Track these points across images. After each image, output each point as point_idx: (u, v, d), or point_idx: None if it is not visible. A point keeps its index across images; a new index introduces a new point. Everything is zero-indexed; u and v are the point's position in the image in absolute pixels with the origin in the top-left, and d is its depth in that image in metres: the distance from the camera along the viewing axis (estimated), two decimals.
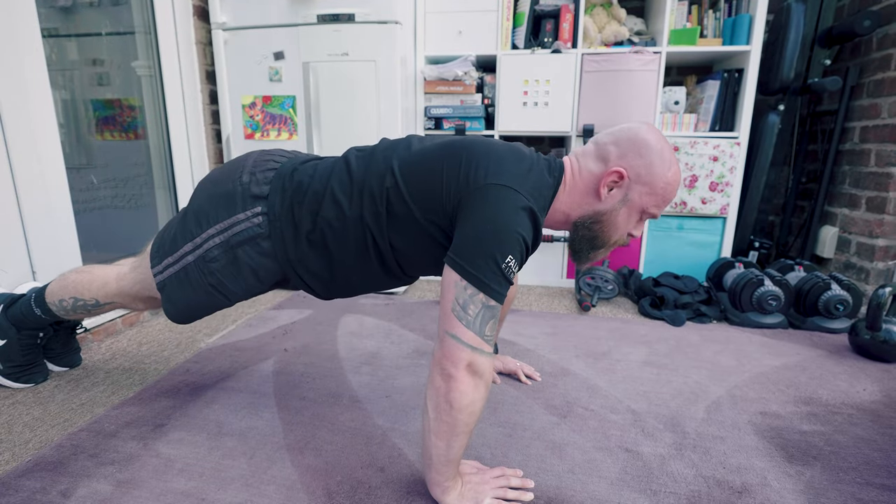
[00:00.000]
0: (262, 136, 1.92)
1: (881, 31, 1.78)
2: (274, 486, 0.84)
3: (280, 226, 0.89)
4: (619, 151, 0.83)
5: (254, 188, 0.90)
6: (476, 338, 0.72)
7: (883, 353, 1.37)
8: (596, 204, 0.85)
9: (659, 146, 0.82)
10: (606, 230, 0.87)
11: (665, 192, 0.83)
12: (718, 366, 1.35)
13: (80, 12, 1.59)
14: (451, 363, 0.71)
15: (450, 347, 0.72)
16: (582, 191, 0.86)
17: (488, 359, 0.74)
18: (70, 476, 0.86)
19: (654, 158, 0.81)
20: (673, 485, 0.86)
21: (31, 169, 1.32)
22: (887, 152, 1.74)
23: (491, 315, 0.73)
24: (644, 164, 0.82)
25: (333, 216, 0.86)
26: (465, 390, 0.71)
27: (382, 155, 0.87)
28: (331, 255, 0.90)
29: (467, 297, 0.72)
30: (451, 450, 0.74)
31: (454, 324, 0.72)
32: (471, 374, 0.72)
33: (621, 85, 1.92)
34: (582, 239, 0.89)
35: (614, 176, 0.83)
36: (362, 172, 0.86)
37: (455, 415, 0.72)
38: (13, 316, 1.13)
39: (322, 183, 0.88)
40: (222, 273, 0.91)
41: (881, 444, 0.99)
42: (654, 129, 0.84)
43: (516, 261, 0.74)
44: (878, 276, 1.80)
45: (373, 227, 0.85)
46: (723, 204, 1.98)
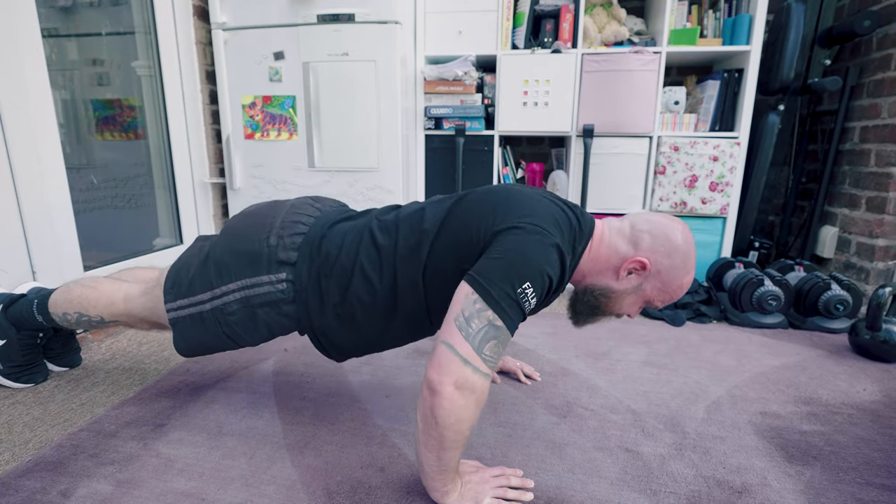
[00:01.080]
0: (262, 136, 1.92)
1: (881, 31, 1.78)
2: (274, 485, 0.84)
3: (306, 296, 0.89)
4: (651, 244, 0.84)
5: (280, 253, 0.89)
6: (472, 352, 0.68)
7: (883, 353, 1.37)
8: (612, 281, 0.87)
9: (687, 253, 0.84)
10: (611, 306, 0.89)
11: (674, 293, 0.87)
12: (718, 366, 1.35)
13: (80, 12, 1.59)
14: (438, 374, 0.68)
15: (441, 356, 0.69)
16: (604, 263, 0.87)
17: (482, 378, 0.69)
18: (70, 476, 0.86)
19: (679, 263, 0.84)
20: (673, 485, 0.86)
21: (32, 169, 1.32)
22: (887, 152, 1.74)
23: (494, 335, 0.70)
24: (668, 265, 0.84)
25: (364, 291, 0.86)
26: (449, 407, 0.67)
27: (409, 224, 0.86)
28: (358, 328, 0.90)
29: (474, 311, 0.70)
30: (441, 462, 0.73)
31: (453, 333, 0.69)
32: (458, 391, 0.67)
33: (621, 85, 1.92)
34: (586, 304, 0.90)
35: (638, 264, 0.84)
36: (392, 245, 0.86)
37: (441, 430, 0.69)
38: (13, 316, 1.13)
39: (350, 257, 0.87)
40: (238, 325, 0.91)
41: (881, 444, 0.99)
42: (688, 234, 0.86)
43: (535, 292, 0.72)
44: (878, 276, 1.80)
45: (408, 296, 0.84)
46: (723, 204, 1.98)
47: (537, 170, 2.14)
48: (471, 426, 0.71)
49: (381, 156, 1.87)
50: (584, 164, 1.99)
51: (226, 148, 1.96)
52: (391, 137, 1.85)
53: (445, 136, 2.08)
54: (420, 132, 2.10)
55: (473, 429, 0.73)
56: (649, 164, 2.01)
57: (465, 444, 0.73)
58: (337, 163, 1.89)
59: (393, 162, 1.87)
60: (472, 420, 0.70)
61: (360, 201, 1.92)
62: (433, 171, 2.14)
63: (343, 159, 1.89)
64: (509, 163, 2.14)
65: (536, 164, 2.14)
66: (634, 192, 2.04)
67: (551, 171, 2.22)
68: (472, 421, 0.71)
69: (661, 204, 2.01)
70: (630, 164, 2.01)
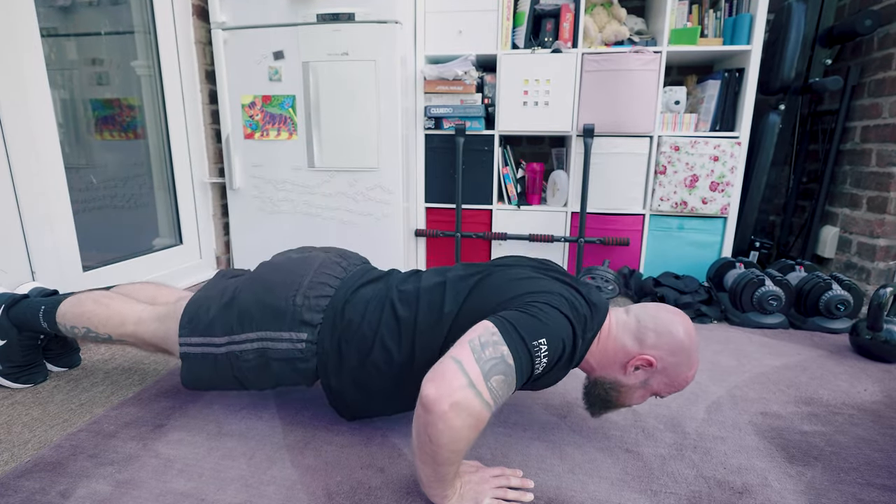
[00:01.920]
0: (261, 135, 1.92)
1: (882, 30, 1.77)
2: (274, 486, 0.84)
3: (326, 358, 0.91)
4: (656, 341, 0.86)
5: (305, 314, 0.90)
6: (479, 376, 0.66)
7: (884, 353, 1.37)
8: (619, 375, 0.89)
9: (690, 348, 0.86)
10: (622, 399, 0.91)
11: (680, 386, 0.89)
12: (719, 366, 1.35)
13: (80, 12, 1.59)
14: (436, 390, 0.64)
15: (445, 371, 0.66)
16: (611, 357, 0.88)
17: (483, 406, 0.66)
18: (69, 476, 0.86)
19: (683, 359, 0.86)
20: (673, 485, 0.86)
21: (30, 168, 1.32)
22: (888, 152, 1.73)
23: (503, 370, 0.68)
24: (673, 362, 0.85)
25: (382, 360, 0.88)
26: (443, 428, 0.64)
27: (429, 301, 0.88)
28: (372, 395, 0.92)
29: (490, 341, 0.69)
30: (438, 474, 0.72)
31: (464, 352, 0.68)
32: (454, 411, 0.64)
33: (622, 85, 1.92)
34: (598, 397, 0.92)
35: (644, 362, 0.86)
36: (412, 319, 0.87)
37: (434, 448, 0.67)
38: (16, 317, 1.12)
39: (372, 327, 0.89)
40: (250, 372, 0.93)
41: (882, 444, 0.99)
42: (691, 329, 0.87)
43: (548, 352, 0.73)
44: (879, 276, 1.79)
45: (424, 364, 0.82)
46: (723, 204, 1.97)
47: (537, 170, 2.14)
48: (468, 445, 0.68)
49: (381, 156, 1.86)
50: (585, 163, 1.99)
51: (225, 148, 1.96)
52: (391, 137, 1.84)
53: (445, 136, 2.08)
54: (420, 132, 2.10)
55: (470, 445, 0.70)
56: (650, 163, 2.00)
57: (461, 459, 0.72)
58: (337, 162, 1.89)
59: (393, 162, 1.87)
60: (468, 440, 0.67)
61: (360, 201, 1.92)
62: (433, 171, 2.14)
63: (343, 159, 1.89)
64: (509, 162, 2.14)
65: (537, 163, 2.14)
66: (635, 192, 2.03)
67: (551, 170, 2.21)
68: (469, 441, 0.68)
69: (661, 203, 2.01)
70: (630, 164, 2.01)
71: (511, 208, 2.14)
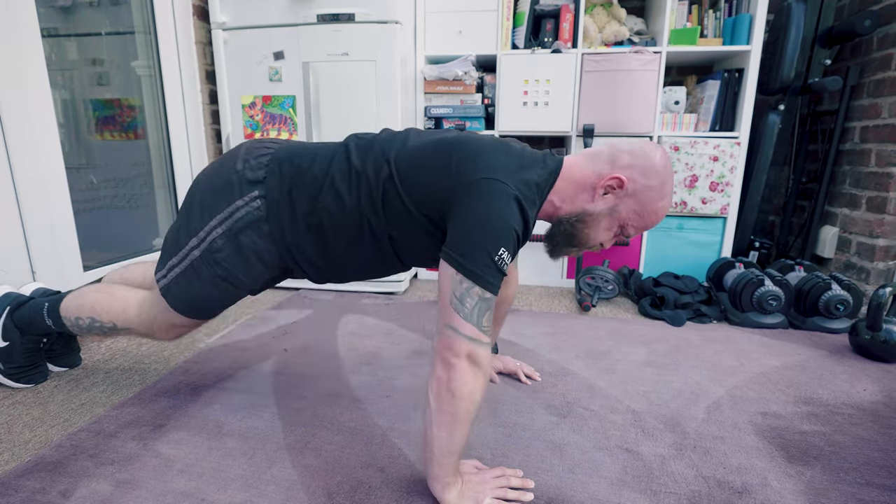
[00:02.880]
0: (262, 135, 1.92)
1: (881, 30, 1.77)
2: (274, 486, 0.84)
3: (278, 208, 0.90)
4: (630, 161, 0.85)
5: (248, 174, 0.91)
6: (474, 329, 0.74)
7: (883, 353, 1.37)
8: (587, 203, 0.88)
9: (664, 175, 0.85)
10: (587, 232, 0.90)
11: (650, 217, 0.87)
12: (719, 366, 1.35)
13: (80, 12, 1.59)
14: (451, 353, 0.73)
15: (450, 339, 0.74)
16: (578, 187, 0.88)
17: (486, 349, 0.76)
18: (70, 476, 0.86)
19: (656, 183, 0.85)
20: (673, 485, 0.86)
21: (31, 168, 1.32)
22: (887, 152, 1.73)
23: (487, 307, 0.75)
24: (645, 185, 0.85)
25: (332, 203, 0.88)
26: (465, 379, 0.73)
27: (381, 147, 0.89)
28: (326, 241, 0.91)
29: (464, 291, 0.74)
30: (452, 440, 0.75)
31: (453, 316, 0.74)
32: (471, 364, 0.74)
33: (621, 85, 1.92)
34: (562, 234, 0.92)
35: (615, 181, 0.85)
36: (361, 161, 0.88)
37: (457, 403, 0.73)
38: (20, 320, 1.12)
39: (323, 169, 0.89)
40: (229, 262, 0.92)
41: (882, 444, 0.99)
42: (667, 158, 0.87)
43: (509, 252, 0.76)
44: (878, 276, 1.79)
45: (371, 217, 0.87)
46: (723, 204, 1.98)
47: None
48: (482, 399, 0.76)
49: None
50: None
51: (226, 148, 1.96)
52: None
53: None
54: None
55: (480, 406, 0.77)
56: None
57: (473, 420, 0.76)
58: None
59: None
60: (482, 391, 0.76)
61: None
62: None
63: None
64: None
65: None
66: None
67: None
68: (483, 393, 0.76)
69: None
70: None
71: None
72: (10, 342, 1.12)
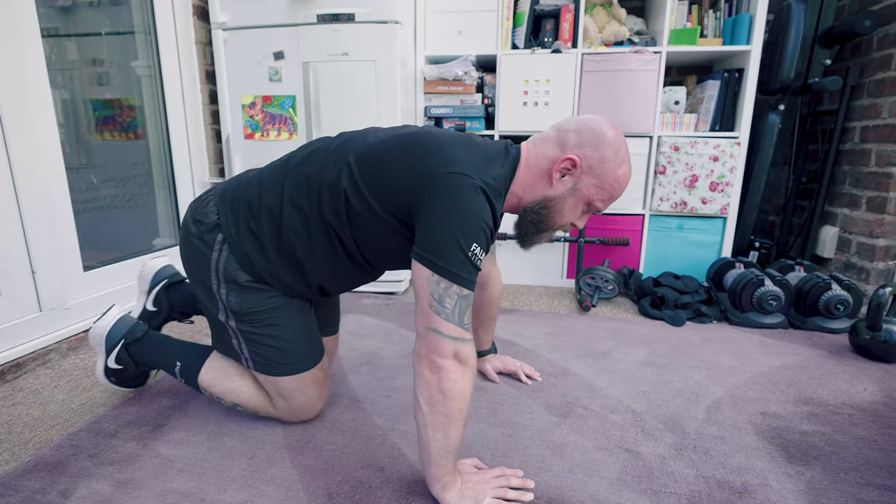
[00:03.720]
0: (261, 135, 1.92)
1: (881, 30, 1.77)
2: (274, 486, 0.84)
3: (241, 245, 0.90)
4: (578, 140, 0.85)
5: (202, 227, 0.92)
6: (457, 329, 0.74)
7: (883, 353, 1.37)
8: (547, 189, 0.88)
9: (616, 143, 0.85)
10: (553, 216, 0.89)
11: (612, 187, 0.87)
12: (718, 366, 1.35)
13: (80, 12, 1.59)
14: (438, 356, 0.73)
15: (434, 342, 0.74)
16: (536, 175, 0.88)
17: (471, 346, 0.76)
18: (70, 476, 0.86)
19: (609, 154, 0.84)
20: (673, 485, 0.86)
21: (31, 168, 1.32)
22: (887, 152, 1.73)
23: (466, 304, 0.75)
24: (598, 158, 0.84)
25: (297, 222, 0.87)
26: (455, 378, 0.73)
27: (336, 152, 0.87)
28: (301, 263, 0.91)
29: (441, 291, 0.73)
30: (448, 440, 0.75)
31: (434, 318, 0.74)
32: (458, 363, 0.74)
33: (621, 85, 1.92)
34: (529, 223, 0.91)
35: (568, 163, 0.85)
36: (318, 170, 0.87)
37: (449, 403, 0.73)
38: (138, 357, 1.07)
39: (276, 194, 0.89)
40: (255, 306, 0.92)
41: (882, 444, 0.99)
42: (614, 126, 0.87)
43: (482, 247, 0.76)
44: (878, 276, 1.79)
45: (335, 225, 0.86)
46: (723, 204, 1.98)
47: None
48: (471, 396, 0.77)
49: None
50: None
51: (226, 148, 1.96)
52: None
53: None
54: None
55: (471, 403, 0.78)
56: (650, 163, 2.00)
57: (465, 418, 0.77)
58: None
59: None
60: (471, 388, 0.77)
61: None
62: None
63: None
64: None
65: None
66: (635, 191, 2.03)
67: None
68: (471, 390, 0.77)
69: (661, 203, 2.01)
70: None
71: None
72: (125, 367, 1.08)
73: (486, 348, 1.27)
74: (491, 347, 1.28)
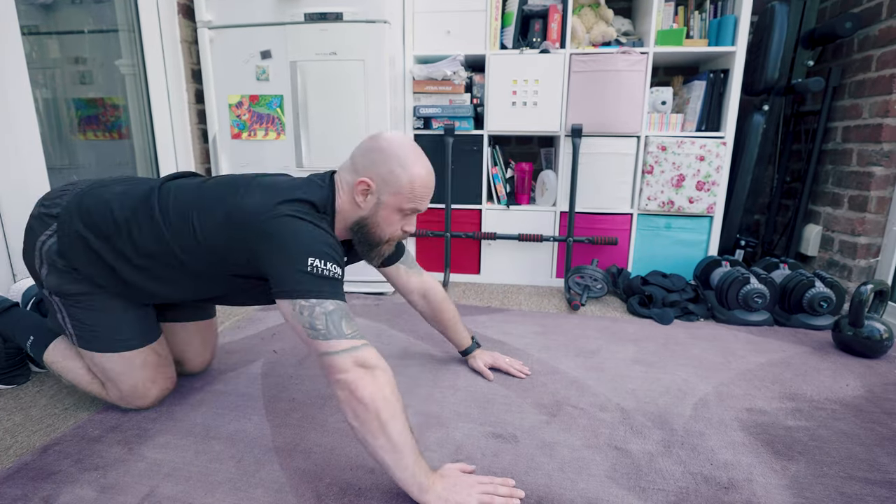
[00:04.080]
0: (249, 135, 1.91)
1: (862, 32, 1.81)
2: (262, 489, 0.83)
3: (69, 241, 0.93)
4: (363, 162, 0.90)
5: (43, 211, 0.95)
6: (342, 341, 0.76)
7: (865, 349, 1.40)
8: (358, 211, 0.93)
9: (395, 151, 0.89)
10: (375, 231, 0.94)
11: (412, 189, 0.90)
12: (705, 363, 1.36)
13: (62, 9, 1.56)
14: (340, 373, 0.74)
15: (330, 363, 0.75)
16: (347, 200, 0.93)
17: (368, 349, 0.77)
18: (53, 482, 0.84)
19: (393, 164, 0.89)
20: (661, 482, 0.87)
21: (11, 169, 1.29)
22: (868, 152, 1.77)
23: (339, 315, 0.77)
24: (385, 171, 0.89)
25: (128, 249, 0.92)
26: (365, 384, 0.74)
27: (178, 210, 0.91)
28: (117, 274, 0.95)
29: (307, 318, 0.76)
30: (392, 439, 0.74)
31: (318, 344, 0.76)
32: (362, 368, 0.75)
33: (609, 85, 1.94)
34: (360, 242, 0.96)
35: (362, 186, 0.90)
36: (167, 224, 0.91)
37: (371, 408, 0.73)
38: (3, 328, 1.11)
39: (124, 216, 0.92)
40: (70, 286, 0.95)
41: (863, 438, 1.01)
42: (393, 135, 0.91)
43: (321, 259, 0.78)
44: (860, 274, 1.83)
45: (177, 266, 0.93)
46: (709, 203, 2.00)
47: (526, 169, 2.15)
48: (392, 391, 0.76)
49: None
50: (573, 163, 2.00)
51: (212, 148, 1.94)
52: None
53: (434, 136, 2.08)
54: (409, 132, 2.10)
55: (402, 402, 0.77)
56: (637, 163, 2.02)
57: (401, 412, 0.76)
58: (325, 162, 1.88)
59: None
60: (390, 385, 0.76)
61: None
62: None
63: (331, 159, 1.87)
64: (498, 162, 2.14)
65: (525, 163, 2.15)
66: (623, 191, 2.05)
67: (540, 170, 2.22)
68: (391, 386, 0.76)
69: (649, 203, 2.03)
70: (618, 164, 2.03)
71: (500, 208, 2.14)
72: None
73: (467, 345, 1.28)
74: (472, 343, 1.28)
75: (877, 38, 1.74)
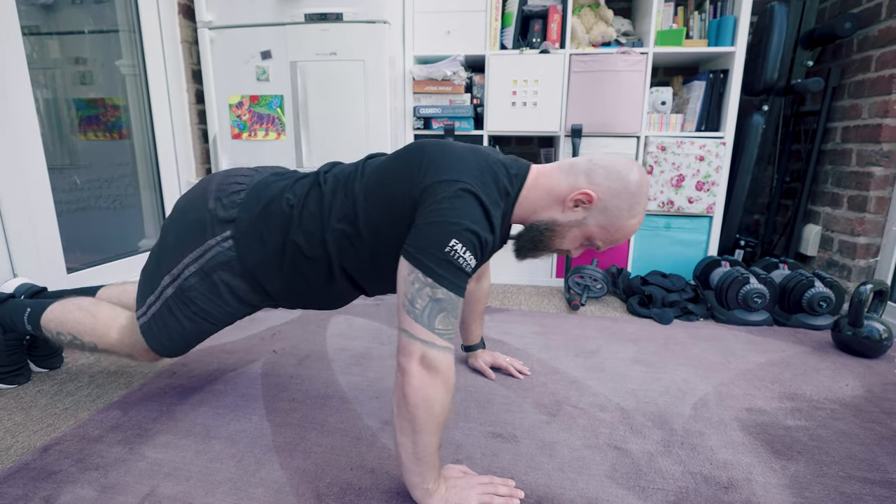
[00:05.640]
0: (249, 135, 1.91)
1: (861, 33, 1.81)
2: (263, 489, 0.83)
3: (249, 250, 0.90)
4: (603, 179, 0.84)
5: (220, 212, 0.91)
6: (426, 331, 0.72)
7: (865, 348, 1.40)
8: (556, 214, 0.87)
9: (636, 196, 0.84)
10: (555, 239, 0.89)
11: (617, 235, 0.87)
12: (705, 363, 1.36)
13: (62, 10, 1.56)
14: (404, 357, 0.72)
15: (403, 342, 0.73)
16: (550, 196, 0.87)
17: (443, 353, 0.73)
18: (53, 482, 0.84)
19: (625, 204, 0.84)
20: (661, 481, 0.87)
21: (12, 168, 1.30)
22: (868, 152, 1.77)
23: (440, 308, 0.73)
24: (615, 204, 0.84)
25: (303, 241, 0.88)
26: (417, 385, 0.71)
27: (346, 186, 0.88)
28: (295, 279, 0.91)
29: (414, 292, 0.72)
30: (417, 448, 0.73)
31: (405, 318, 0.73)
32: (425, 369, 0.71)
33: (609, 85, 1.94)
34: (531, 239, 0.91)
35: (584, 196, 0.84)
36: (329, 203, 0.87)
37: (412, 410, 0.71)
38: (1, 317, 1.10)
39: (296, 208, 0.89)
40: (202, 300, 0.92)
41: (863, 438, 1.01)
42: (644, 181, 0.86)
43: (465, 246, 0.74)
44: (859, 274, 1.83)
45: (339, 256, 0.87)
46: (709, 203, 2.00)
47: None
48: (442, 408, 0.73)
49: None
50: None
51: (212, 148, 1.94)
52: (380, 137, 1.84)
53: (434, 137, 2.08)
54: (409, 132, 2.10)
55: (447, 414, 0.74)
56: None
57: (438, 429, 0.73)
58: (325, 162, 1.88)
59: None
60: (441, 401, 0.72)
61: None
62: None
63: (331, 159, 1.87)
64: None
65: None
66: None
67: None
68: (443, 402, 0.72)
69: (648, 202, 2.03)
70: None
71: None
72: None
73: (476, 342, 1.28)
74: (480, 342, 1.29)
75: (876, 39, 1.74)
